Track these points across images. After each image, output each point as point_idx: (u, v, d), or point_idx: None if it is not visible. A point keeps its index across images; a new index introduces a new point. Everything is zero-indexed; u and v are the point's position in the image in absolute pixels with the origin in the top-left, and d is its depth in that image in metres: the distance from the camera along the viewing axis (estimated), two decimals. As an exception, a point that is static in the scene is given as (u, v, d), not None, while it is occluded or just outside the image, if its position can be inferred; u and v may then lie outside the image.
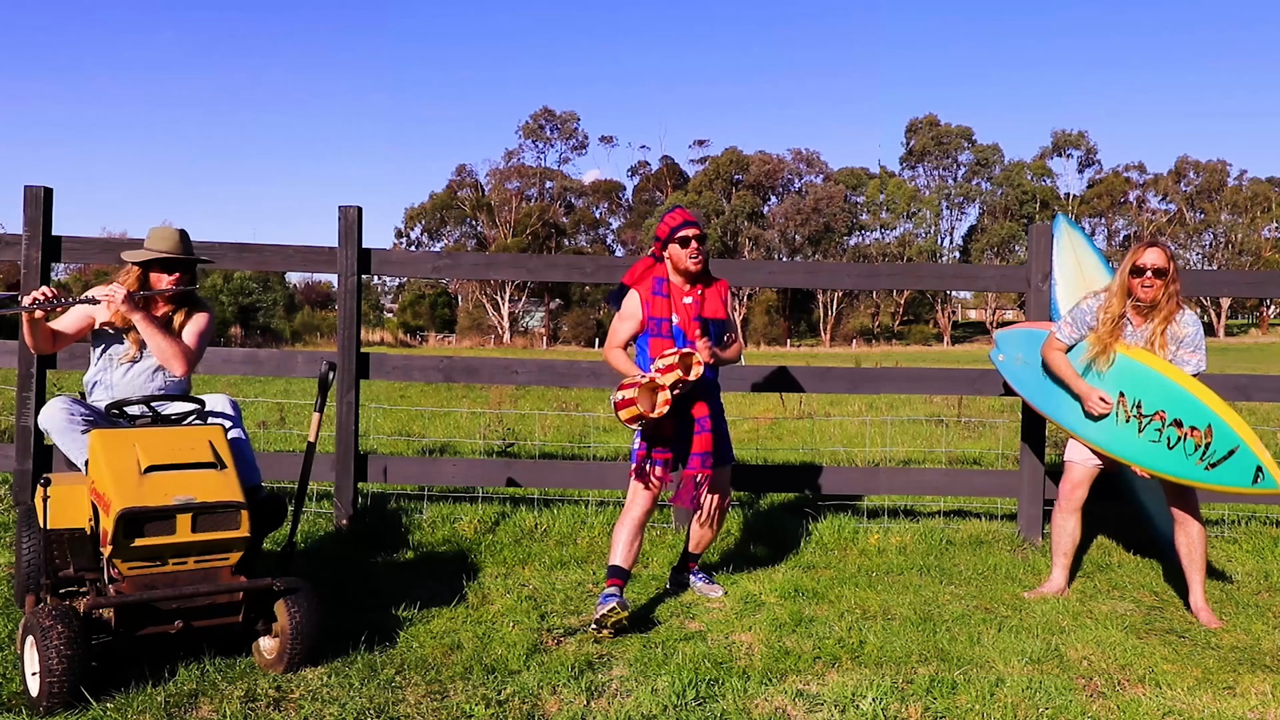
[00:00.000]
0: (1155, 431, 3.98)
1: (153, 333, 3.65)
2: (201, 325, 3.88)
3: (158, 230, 3.86)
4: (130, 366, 3.78)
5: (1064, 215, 5.28)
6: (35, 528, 3.48)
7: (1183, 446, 3.90)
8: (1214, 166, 75.41)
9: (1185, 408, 3.91)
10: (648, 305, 3.91)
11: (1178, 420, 3.92)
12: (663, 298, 3.90)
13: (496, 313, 72.44)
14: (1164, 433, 3.95)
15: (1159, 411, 3.97)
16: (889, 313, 77.66)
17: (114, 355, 3.78)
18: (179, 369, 3.70)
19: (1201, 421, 3.86)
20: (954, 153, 78.48)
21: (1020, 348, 4.61)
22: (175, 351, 3.68)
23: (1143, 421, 4.01)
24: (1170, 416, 3.94)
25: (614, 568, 3.80)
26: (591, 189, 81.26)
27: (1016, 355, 4.61)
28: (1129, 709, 3.02)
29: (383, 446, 8.29)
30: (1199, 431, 3.86)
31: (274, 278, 64.04)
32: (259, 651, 3.18)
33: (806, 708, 2.99)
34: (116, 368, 3.78)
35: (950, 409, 11.18)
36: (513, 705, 2.95)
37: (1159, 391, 3.99)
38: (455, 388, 14.50)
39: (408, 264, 6.35)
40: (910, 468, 6.29)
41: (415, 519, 5.27)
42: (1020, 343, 4.62)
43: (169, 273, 3.79)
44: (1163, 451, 3.95)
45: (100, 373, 3.78)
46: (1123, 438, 4.07)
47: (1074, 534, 4.28)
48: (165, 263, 3.79)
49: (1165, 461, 3.95)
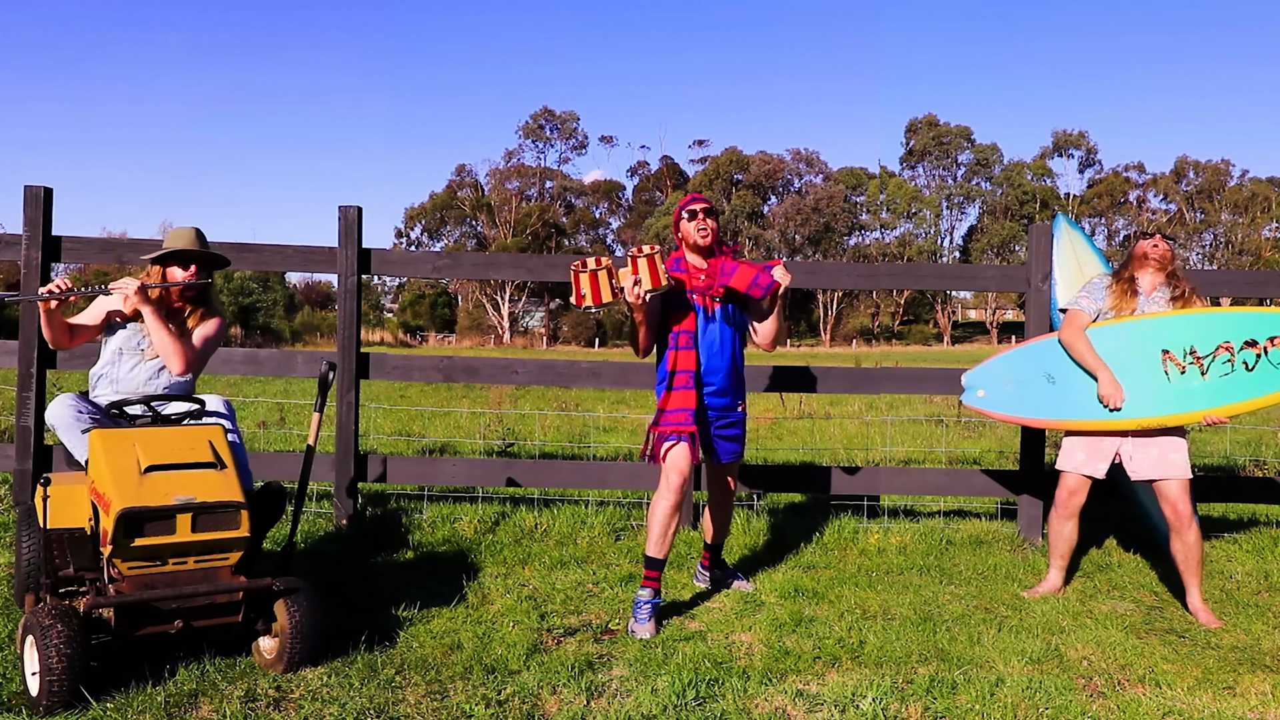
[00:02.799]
0: (1225, 364, 3.87)
1: (158, 327, 3.67)
2: (210, 330, 3.90)
3: (174, 230, 3.92)
4: (137, 361, 3.79)
5: (1064, 215, 5.28)
6: (35, 527, 3.48)
7: (1268, 360, 3.80)
8: (1214, 166, 75.42)
9: (1250, 325, 3.82)
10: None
11: (1249, 341, 3.83)
12: (680, 273, 3.89)
13: (496, 313, 72.43)
14: (1237, 360, 3.85)
15: (1221, 344, 3.89)
16: (889, 313, 77.65)
17: (123, 349, 3.80)
18: (177, 367, 3.71)
19: (1277, 327, 3.78)
20: (954, 153, 78.48)
21: (1005, 374, 4.44)
22: (175, 349, 3.69)
23: (1205, 363, 3.90)
24: (1238, 342, 3.85)
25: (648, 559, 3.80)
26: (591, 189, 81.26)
27: (1004, 382, 4.41)
28: (1129, 709, 3.02)
29: (383, 446, 8.29)
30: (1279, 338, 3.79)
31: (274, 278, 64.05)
32: (259, 651, 3.18)
33: (806, 708, 2.99)
34: (124, 361, 3.79)
35: (950, 409, 11.18)
36: (513, 705, 2.95)
37: (1210, 329, 3.92)
38: (455, 388, 14.51)
39: (408, 264, 6.34)
40: (910, 468, 6.29)
41: (415, 519, 5.27)
42: (1003, 369, 4.46)
43: (184, 267, 3.84)
44: (1244, 379, 3.84)
45: (107, 366, 3.80)
46: (1188, 393, 3.94)
47: (1070, 538, 4.27)
48: (181, 259, 3.84)
49: (1254, 386, 3.83)
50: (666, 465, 3.80)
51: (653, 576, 3.76)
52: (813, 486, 5.51)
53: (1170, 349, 3.99)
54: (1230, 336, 3.90)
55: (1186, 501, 3.97)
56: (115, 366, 3.79)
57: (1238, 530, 5.45)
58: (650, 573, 3.77)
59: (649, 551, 3.79)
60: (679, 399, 3.81)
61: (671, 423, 3.80)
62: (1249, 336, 3.84)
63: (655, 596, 3.73)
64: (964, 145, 78.29)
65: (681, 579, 4.38)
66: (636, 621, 3.66)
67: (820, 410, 11.51)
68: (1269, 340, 3.80)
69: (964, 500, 6.00)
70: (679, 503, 3.79)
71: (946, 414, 10.70)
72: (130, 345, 3.80)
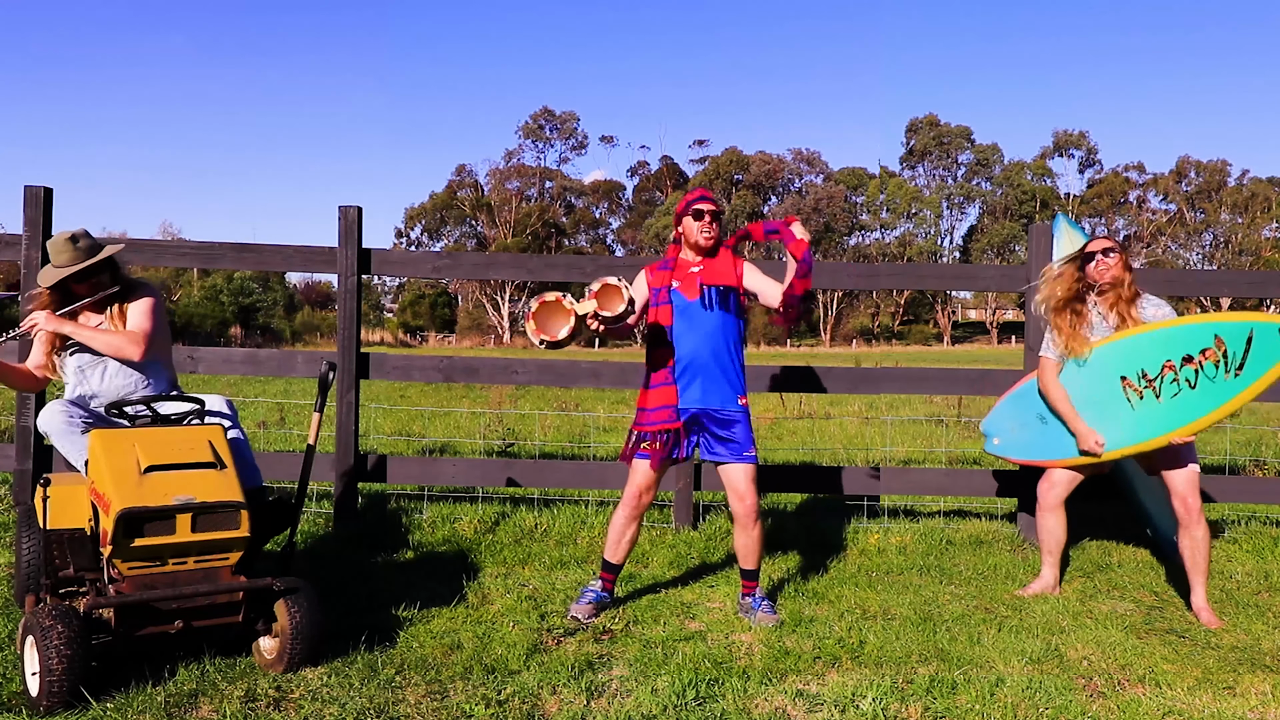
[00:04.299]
0: (1172, 385, 3.85)
1: (89, 335, 3.60)
2: (144, 308, 3.74)
3: (51, 243, 3.67)
4: (104, 369, 3.69)
5: (1064, 215, 5.28)
6: (35, 528, 3.48)
7: (1204, 375, 3.77)
8: (1214, 166, 75.41)
9: (1182, 341, 3.80)
10: (651, 279, 3.88)
11: (1185, 356, 3.80)
12: (666, 271, 3.86)
13: (496, 313, 72.43)
14: (1179, 378, 3.83)
15: (1165, 364, 3.86)
16: (889, 313, 77.65)
17: (83, 366, 3.70)
18: (135, 353, 3.62)
19: (1205, 339, 3.76)
20: (954, 153, 78.49)
21: (1010, 417, 4.47)
22: (122, 340, 3.61)
23: (1157, 385, 3.89)
24: (1177, 359, 3.83)
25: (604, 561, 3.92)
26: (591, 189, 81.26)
27: (1010, 427, 4.44)
28: (1129, 709, 3.02)
29: (383, 446, 8.29)
30: (1209, 350, 3.76)
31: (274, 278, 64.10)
32: (259, 651, 3.18)
33: (806, 708, 2.99)
34: (91, 376, 3.70)
35: (950, 409, 11.18)
36: (513, 705, 2.95)
37: (1150, 348, 3.90)
38: (455, 388, 14.50)
39: (408, 264, 6.34)
40: (910, 468, 6.29)
41: (415, 519, 5.27)
42: (1009, 412, 4.50)
43: (78, 281, 3.67)
44: (1191, 397, 3.82)
45: (79, 386, 3.70)
46: (1151, 418, 3.95)
47: (1055, 531, 4.28)
48: (75, 279, 3.66)
49: (1201, 403, 3.82)
50: (630, 475, 3.84)
51: (606, 577, 3.92)
52: (813, 486, 5.51)
53: (1126, 375, 4.00)
54: (1170, 355, 3.87)
55: (1196, 495, 3.97)
56: (86, 383, 3.69)
57: (1238, 530, 5.45)
58: (604, 573, 3.92)
59: (605, 555, 3.91)
60: (658, 396, 3.78)
61: (654, 421, 3.77)
62: (1184, 352, 3.82)
63: (604, 592, 3.89)
64: (964, 145, 78.30)
65: (680, 578, 4.38)
66: (576, 603, 3.82)
67: (820, 410, 11.51)
68: (1200, 353, 3.78)
69: (964, 500, 6.00)
70: (634, 515, 3.86)
71: (946, 414, 10.70)
72: (87, 359, 3.69)
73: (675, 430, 3.76)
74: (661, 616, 3.83)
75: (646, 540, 4.94)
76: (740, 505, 3.81)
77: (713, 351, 3.76)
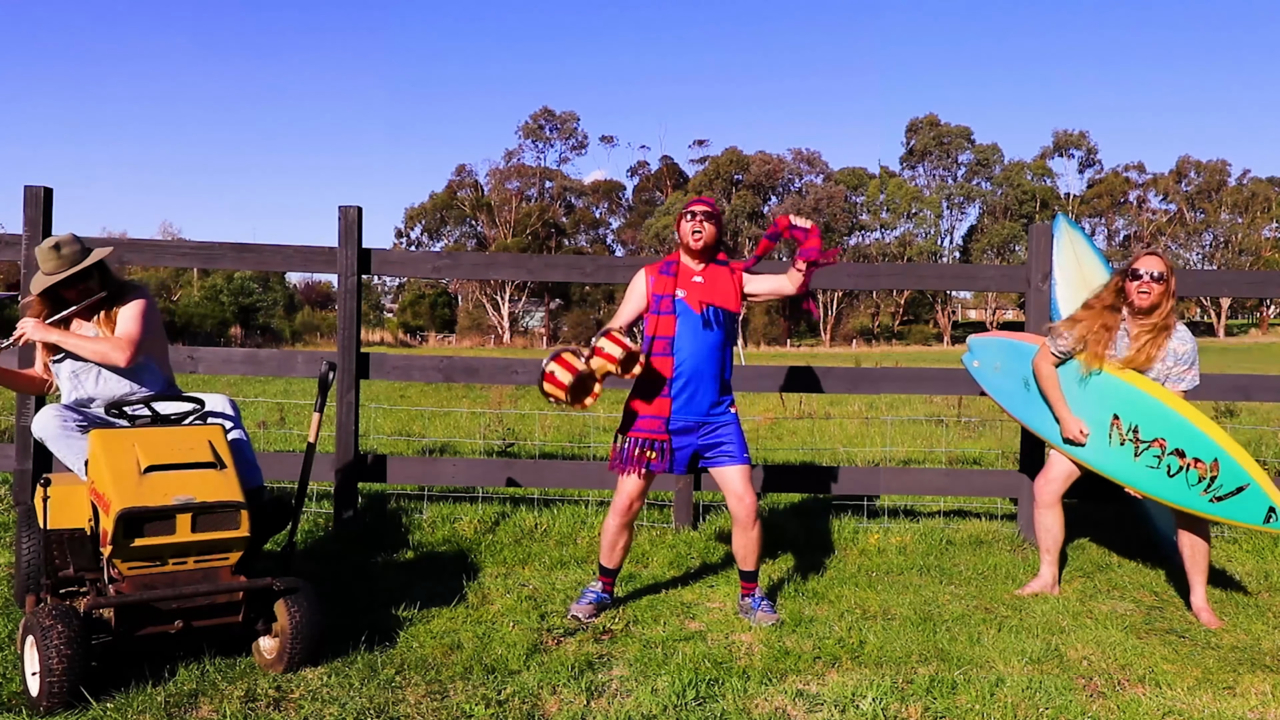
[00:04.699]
0: (1154, 458, 3.94)
1: (76, 344, 3.59)
2: (134, 311, 3.71)
3: (38, 250, 3.65)
4: (98, 374, 3.68)
5: (1064, 215, 5.28)
6: (35, 528, 3.48)
7: (1184, 476, 3.85)
8: (1214, 166, 75.42)
9: (1187, 438, 3.85)
10: (653, 284, 3.85)
11: (1179, 450, 3.87)
12: (669, 276, 3.83)
13: (496, 313, 72.44)
14: (1164, 460, 3.91)
15: (1158, 439, 3.93)
16: (889, 313, 77.64)
17: (76, 371, 3.69)
18: (121, 359, 3.59)
19: (1207, 455, 3.81)
20: (954, 153, 78.47)
21: (999, 356, 4.57)
22: (109, 346, 3.59)
23: (1139, 447, 3.97)
24: (1171, 445, 3.89)
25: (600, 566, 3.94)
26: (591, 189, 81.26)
27: (995, 363, 4.56)
28: (1129, 709, 3.02)
29: (383, 446, 8.29)
30: (1204, 464, 3.81)
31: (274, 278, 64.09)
32: (259, 651, 3.18)
33: (806, 708, 2.99)
34: (85, 380, 3.69)
35: (950, 409, 11.18)
36: (513, 705, 2.95)
37: (1157, 419, 3.94)
38: (455, 388, 14.51)
39: (408, 264, 6.35)
40: (910, 468, 6.29)
41: (415, 519, 5.27)
42: (999, 352, 4.58)
43: (66, 288, 3.65)
44: (1161, 478, 3.92)
45: (74, 391, 3.69)
46: (1116, 459, 4.05)
47: (1053, 528, 4.28)
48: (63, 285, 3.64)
49: (1164, 488, 3.92)
50: (618, 485, 3.86)
51: (605, 581, 3.95)
52: (813, 486, 5.51)
53: (1120, 415, 4.03)
54: (1169, 436, 3.91)
55: None
56: (80, 388, 3.68)
57: (1238, 530, 5.45)
58: (602, 577, 3.94)
59: (600, 560, 3.93)
60: (651, 406, 3.78)
61: (644, 429, 3.78)
62: (1181, 446, 3.87)
63: (604, 593, 3.92)
64: (964, 145, 78.27)
65: (680, 578, 4.38)
66: (576, 603, 3.85)
67: (820, 410, 11.51)
68: (1193, 460, 3.84)
69: (964, 500, 6.00)
70: (625, 523, 3.89)
71: (946, 414, 10.70)
72: (81, 365, 3.68)
73: (663, 441, 3.78)
74: (661, 616, 3.83)
75: (646, 540, 4.95)
76: (739, 505, 3.81)
77: (709, 365, 3.79)
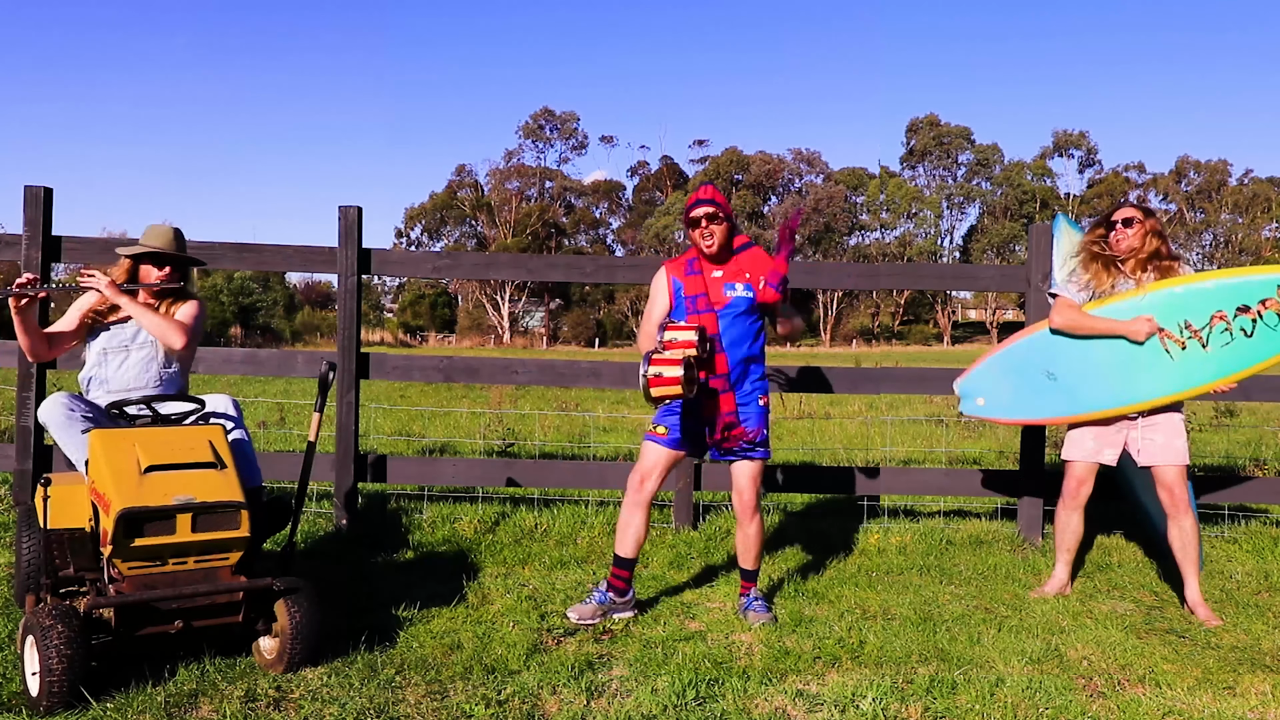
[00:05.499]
0: (1223, 334, 3.85)
1: (141, 312, 3.67)
2: (193, 310, 3.87)
3: (152, 228, 3.88)
4: (125, 359, 3.77)
5: (1064, 215, 5.27)
6: (35, 528, 3.48)
7: (1264, 324, 3.79)
8: (1214, 166, 75.43)
9: (1238, 293, 3.79)
10: (679, 285, 3.80)
11: (1241, 307, 3.81)
12: (696, 275, 3.79)
13: (496, 313, 72.42)
14: (1233, 328, 3.83)
15: (1215, 314, 3.86)
16: (889, 313, 77.64)
17: (108, 349, 3.78)
18: (178, 342, 3.69)
19: (1266, 290, 3.76)
20: (954, 153, 78.47)
21: (997, 378, 4.33)
22: (169, 325, 3.68)
23: (1203, 334, 3.88)
24: (1230, 309, 3.83)
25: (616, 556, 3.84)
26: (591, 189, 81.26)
27: (1002, 385, 4.30)
28: (1129, 709, 3.02)
29: (383, 446, 8.29)
30: (1271, 300, 3.76)
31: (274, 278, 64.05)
32: (259, 651, 3.18)
33: (806, 708, 2.99)
34: (110, 361, 3.77)
35: (950, 409, 11.18)
36: (513, 705, 2.95)
37: (1198, 300, 3.88)
38: (455, 388, 14.51)
39: (408, 264, 6.34)
40: (910, 468, 6.29)
41: (415, 519, 5.27)
42: (993, 374, 4.35)
43: (158, 268, 3.82)
44: (1246, 347, 3.82)
45: (95, 368, 3.78)
46: (1193, 367, 3.91)
47: (1077, 531, 4.27)
48: (155, 258, 3.81)
49: (1255, 352, 3.82)
50: (640, 456, 3.82)
51: (617, 573, 3.83)
52: (813, 486, 5.51)
53: (1165, 327, 3.96)
54: (1222, 305, 3.87)
55: (1183, 487, 3.99)
56: (103, 367, 3.77)
57: (1238, 530, 5.45)
58: (615, 569, 3.84)
59: (615, 548, 3.86)
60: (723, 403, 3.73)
61: (722, 426, 3.72)
62: (1241, 303, 3.82)
63: (608, 592, 3.80)
64: (964, 145, 78.27)
65: (680, 578, 4.38)
66: (579, 603, 3.80)
67: (820, 410, 11.51)
68: (1261, 304, 3.78)
69: (964, 500, 5.99)
70: (635, 502, 3.80)
71: (946, 414, 10.70)
72: (114, 344, 3.78)
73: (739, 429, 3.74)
74: (661, 616, 3.83)
75: (647, 540, 4.94)
76: (738, 500, 3.84)
77: (746, 354, 3.77)
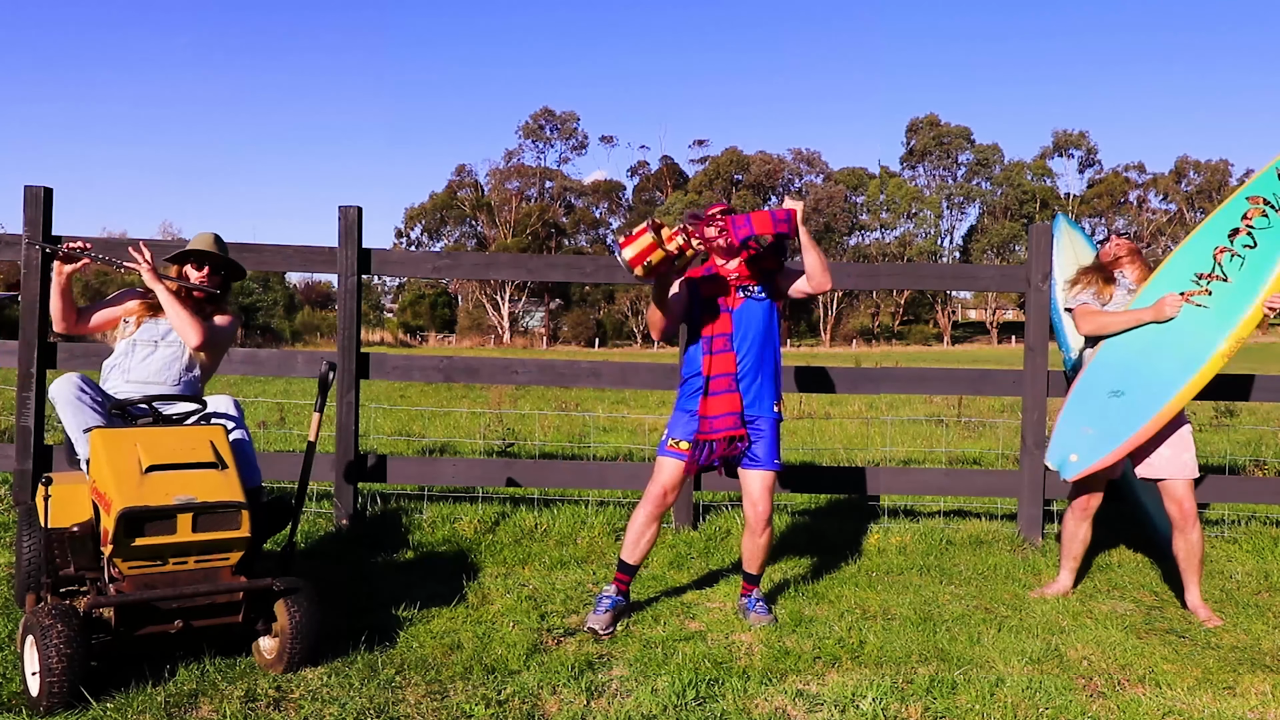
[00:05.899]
0: (1233, 260, 3.97)
1: (171, 301, 3.78)
2: (223, 320, 3.98)
3: (199, 235, 4.02)
4: (151, 353, 3.85)
5: (1064, 215, 5.28)
6: (36, 527, 3.48)
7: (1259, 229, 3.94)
8: (1215, 166, 75.41)
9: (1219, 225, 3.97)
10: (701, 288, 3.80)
11: (1230, 231, 3.97)
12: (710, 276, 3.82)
13: (496, 313, 72.42)
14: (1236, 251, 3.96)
15: (1216, 250, 4.00)
16: (889, 313, 77.63)
17: (138, 341, 3.86)
18: (193, 339, 3.77)
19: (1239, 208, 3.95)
20: (954, 152, 78.47)
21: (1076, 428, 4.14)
22: (192, 322, 3.77)
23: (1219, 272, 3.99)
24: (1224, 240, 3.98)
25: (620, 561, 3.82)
26: (591, 189, 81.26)
27: (1086, 433, 4.10)
28: (1129, 709, 3.02)
29: (383, 446, 8.29)
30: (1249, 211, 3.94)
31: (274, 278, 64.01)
32: (259, 651, 3.18)
33: (806, 708, 2.99)
34: (137, 352, 3.85)
35: (950, 409, 11.18)
36: (513, 705, 2.95)
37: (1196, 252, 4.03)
38: (455, 388, 14.51)
39: (408, 264, 6.34)
40: (910, 468, 6.29)
41: (415, 519, 5.27)
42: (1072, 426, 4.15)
43: (199, 269, 3.93)
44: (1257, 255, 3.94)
45: (120, 357, 3.86)
46: (1227, 306, 3.95)
47: (1085, 539, 4.30)
48: (198, 260, 3.93)
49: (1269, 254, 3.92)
50: (655, 472, 3.79)
51: (622, 579, 3.81)
52: (813, 486, 5.51)
53: (1183, 290, 4.04)
54: (1216, 242, 4.01)
55: (1191, 500, 4.00)
56: (128, 358, 3.85)
57: (1238, 530, 5.45)
58: (620, 574, 3.82)
59: (622, 555, 3.82)
60: (721, 404, 3.71)
61: (721, 428, 3.70)
62: (1230, 228, 3.98)
63: (619, 596, 3.77)
64: (964, 145, 78.27)
65: (680, 578, 4.38)
66: (594, 613, 3.68)
67: (820, 410, 11.51)
68: (1243, 218, 3.95)
69: (964, 500, 6.00)
70: (656, 514, 3.77)
71: (946, 414, 10.70)
72: (145, 337, 3.87)
73: (743, 437, 3.71)
74: (661, 616, 3.84)
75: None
76: (753, 511, 3.80)
77: (759, 357, 3.76)
